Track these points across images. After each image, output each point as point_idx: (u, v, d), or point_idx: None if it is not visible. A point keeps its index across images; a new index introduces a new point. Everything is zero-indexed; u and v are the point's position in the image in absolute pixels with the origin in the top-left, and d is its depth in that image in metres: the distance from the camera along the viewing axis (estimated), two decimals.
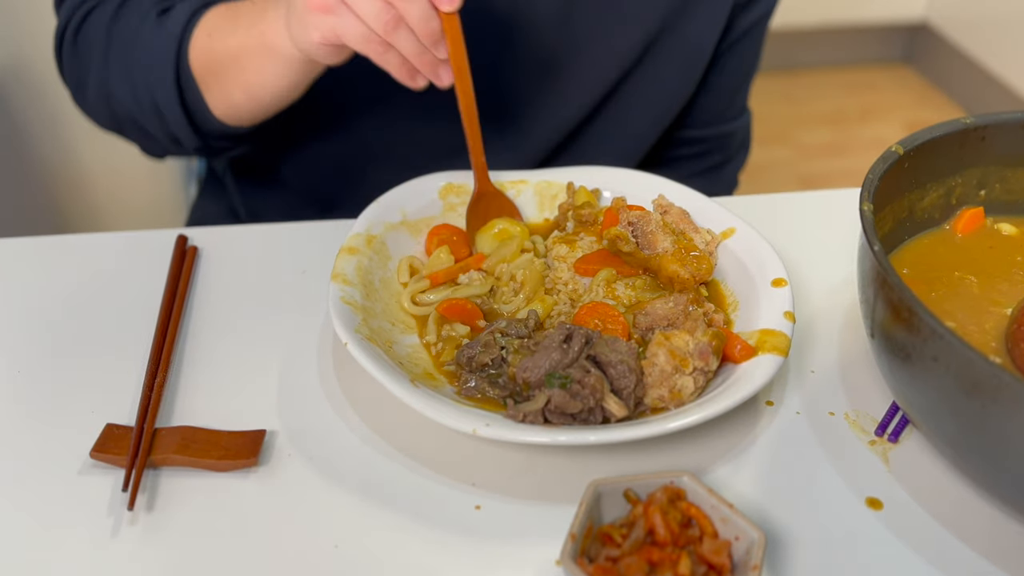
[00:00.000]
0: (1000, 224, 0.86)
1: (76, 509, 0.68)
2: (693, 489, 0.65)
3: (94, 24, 0.98)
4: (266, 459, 0.72)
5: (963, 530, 0.68)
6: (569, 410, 0.69)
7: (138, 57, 0.95)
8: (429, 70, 0.80)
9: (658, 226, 0.85)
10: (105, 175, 1.65)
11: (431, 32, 0.77)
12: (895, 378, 0.69)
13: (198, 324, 0.85)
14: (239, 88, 0.93)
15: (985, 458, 0.64)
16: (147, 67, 0.95)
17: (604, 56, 1.05)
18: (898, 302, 0.64)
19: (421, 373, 0.76)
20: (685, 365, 0.72)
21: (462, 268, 0.86)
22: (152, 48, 0.94)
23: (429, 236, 0.90)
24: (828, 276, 0.92)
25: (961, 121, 0.81)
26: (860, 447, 0.74)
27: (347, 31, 0.78)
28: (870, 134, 3.17)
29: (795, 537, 0.67)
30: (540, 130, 1.09)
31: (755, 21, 1.14)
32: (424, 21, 0.76)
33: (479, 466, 0.72)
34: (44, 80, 1.46)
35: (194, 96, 0.95)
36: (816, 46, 3.46)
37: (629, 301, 0.82)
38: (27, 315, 0.86)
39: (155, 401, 0.75)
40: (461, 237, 0.91)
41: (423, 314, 0.82)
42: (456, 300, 0.82)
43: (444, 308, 0.81)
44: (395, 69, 0.81)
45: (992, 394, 0.58)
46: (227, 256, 0.94)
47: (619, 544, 0.62)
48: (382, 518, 0.68)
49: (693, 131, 1.22)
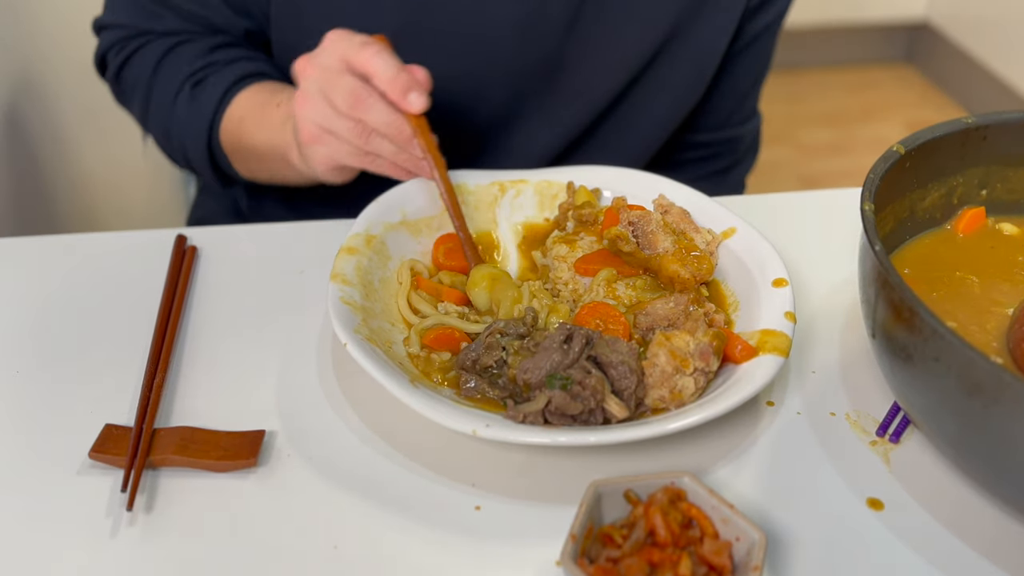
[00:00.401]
0: (1002, 224, 0.86)
1: (75, 509, 0.68)
2: (694, 490, 0.64)
3: (134, 72, 1.06)
4: (265, 459, 0.72)
5: (964, 531, 0.68)
6: (569, 411, 0.69)
7: (172, 126, 1.04)
8: (413, 165, 0.88)
9: (659, 226, 0.85)
10: (104, 174, 1.65)
11: (400, 134, 0.85)
12: (896, 378, 0.68)
13: (197, 324, 0.85)
14: (264, 173, 1.03)
15: (987, 459, 0.64)
16: (180, 139, 1.04)
17: (614, 59, 1.05)
18: (899, 302, 0.64)
19: (421, 373, 0.76)
20: (686, 366, 0.72)
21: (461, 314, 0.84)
22: (185, 124, 1.03)
23: (436, 244, 0.90)
24: (829, 276, 0.92)
25: (963, 121, 0.81)
26: (861, 448, 0.74)
27: (339, 153, 0.86)
28: (871, 134, 3.17)
29: (796, 538, 0.67)
30: (547, 133, 1.09)
31: (766, 26, 1.14)
32: (388, 126, 0.84)
33: (479, 467, 0.72)
34: (43, 80, 1.46)
35: (225, 162, 1.05)
36: (817, 46, 3.46)
37: (630, 301, 0.82)
38: (25, 315, 0.86)
39: (154, 401, 0.75)
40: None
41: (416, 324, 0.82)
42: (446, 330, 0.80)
43: (431, 340, 0.79)
44: (389, 171, 0.89)
45: (994, 394, 0.58)
46: (226, 256, 0.93)
47: (619, 545, 0.62)
48: (382, 519, 0.68)
49: (702, 135, 1.21)
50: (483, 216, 0.94)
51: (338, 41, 0.84)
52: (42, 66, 1.46)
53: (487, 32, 0.99)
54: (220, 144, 1.02)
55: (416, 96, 0.83)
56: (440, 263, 0.89)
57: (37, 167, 1.46)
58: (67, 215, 1.54)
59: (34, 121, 1.46)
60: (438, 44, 0.99)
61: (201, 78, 1.02)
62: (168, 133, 1.05)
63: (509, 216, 0.94)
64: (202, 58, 1.02)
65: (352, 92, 0.82)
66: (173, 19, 1.04)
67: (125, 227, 1.07)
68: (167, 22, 1.04)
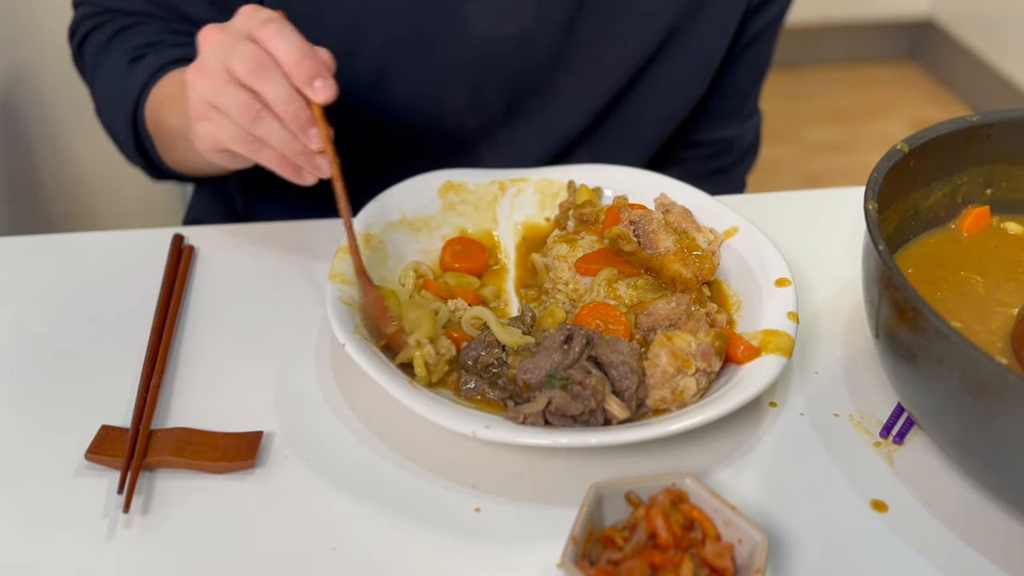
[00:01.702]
0: (1006, 223, 0.85)
1: (71, 511, 0.68)
2: (695, 491, 0.64)
3: (90, 45, 1.04)
4: (263, 461, 0.72)
5: (969, 532, 0.68)
6: (570, 412, 0.69)
7: (105, 101, 1.02)
8: (304, 160, 0.77)
9: (660, 225, 0.84)
10: (100, 173, 1.64)
11: (296, 118, 0.74)
12: (900, 379, 0.68)
13: (194, 324, 0.85)
14: (179, 159, 0.98)
15: (991, 459, 0.63)
16: (112, 112, 1.01)
17: (614, 60, 1.05)
18: (903, 302, 0.64)
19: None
20: (687, 366, 0.72)
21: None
22: (117, 97, 0.99)
23: (444, 247, 0.90)
24: (832, 276, 0.91)
25: (967, 119, 0.80)
26: (864, 449, 0.74)
27: (221, 134, 0.77)
28: (875, 132, 3.16)
29: (799, 540, 0.67)
30: (547, 133, 1.08)
31: (766, 24, 1.14)
32: (286, 104, 0.74)
33: (479, 468, 0.71)
34: (39, 79, 1.46)
35: (150, 144, 1.00)
36: (820, 43, 3.45)
37: (631, 301, 0.82)
38: (20, 315, 0.85)
39: (151, 402, 0.75)
40: (477, 248, 0.90)
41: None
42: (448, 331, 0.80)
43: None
44: (275, 165, 0.78)
45: (998, 395, 0.58)
46: (224, 255, 0.93)
47: (620, 547, 0.62)
48: (381, 521, 0.68)
49: (702, 134, 1.21)
50: (483, 215, 0.93)
51: (246, 12, 0.77)
52: (38, 65, 1.46)
53: (487, 33, 0.99)
54: (145, 123, 0.98)
55: (322, 83, 0.74)
56: (447, 265, 0.88)
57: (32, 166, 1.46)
58: (62, 214, 1.54)
59: (30, 120, 1.46)
60: (437, 47, 0.99)
61: (141, 54, 0.99)
62: (102, 107, 1.03)
63: (509, 215, 0.94)
64: (148, 37, 1.00)
65: (254, 58, 0.74)
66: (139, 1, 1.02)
67: (121, 226, 1.07)
68: (132, 3, 1.02)
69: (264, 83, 0.74)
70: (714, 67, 1.11)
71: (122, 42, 1.01)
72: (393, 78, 1.01)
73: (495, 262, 0.91)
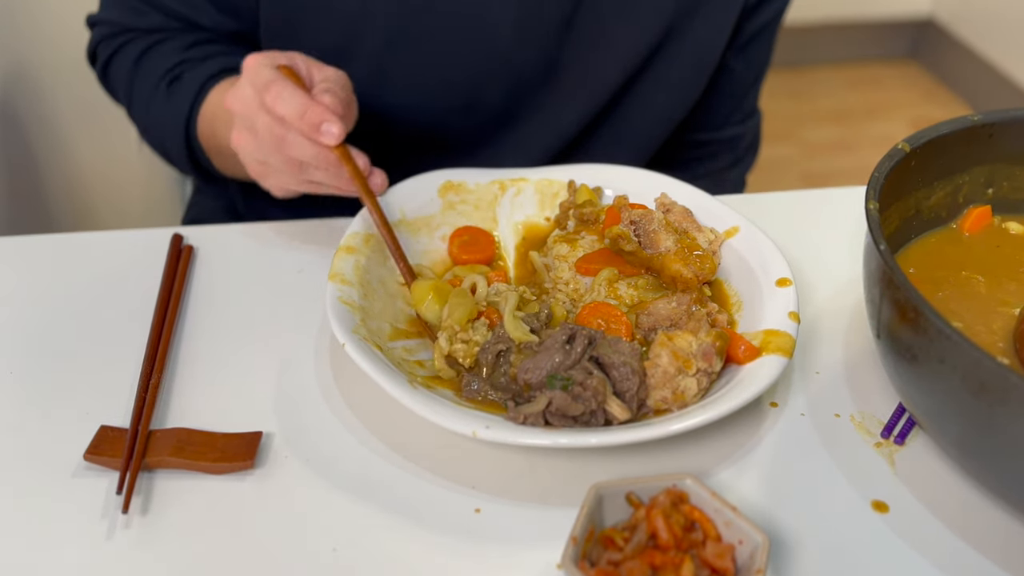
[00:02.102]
0: (1008, 223, 0.85)
1: (70, 512, 0.67)
2: (696, 492, 0.64)
3: (117, 69, 1.07)
4: (262, 461, 0.71)
5: (970, 533, 0.67)
6: (570, 412, 0.69)
7: (151, 125, 1.05)
8: (351, 188, 0.86)
9: (660, 225, 0.84)
10: (99, 172, 1.64)
11: (327, 163, 0.83)
12: (901, 379, 0.68)
13: (193, 324, 0.84)
14: (239, 171, 0.99)
15: (992, 460, 0.63)
16: (160, 137, 1.04)
17: (612, 59, 1.04)
18: (904, 302, 0.63)
19: (421, 376, 0.76)
20: (688, 366, 0.72)
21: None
22: (164, 123, 1.02)
23: (451, 239, 0.90)
24: (833, 276, 0.91)
25: (968, 118, 0.80)
26: (866, 449, 0.74)
27: (283, 183, 0.87)
28: (876, 131, 3.16)
29: (799, 540, 0.66)
30: (546, 132, 1.08)
31: (765, 24, 1.13)
32: (314, 159, 0.83)
33: (479, 469, 0.71)
34: (39, 79, 1.46)
35: (205, 159, 1.04)
36: (821, 42, 3.45)
37: (631, 301, 0.81)
38: (19, 315, 0.85)
39: (150, 403, 0.75)
40: (484, 237, 0.91)
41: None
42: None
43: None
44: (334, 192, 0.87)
45: (1000, 395, 0.58)
46: (223, 255, 0.93)
47: (621, 548, 0.62)
48: (381, 521, 0.67)
49: (701, 134, 1.21)
50: (483, 215, 0.93)
51: (248, 73, 0.84)
52: (38, 65, 1.46)
53: (484, 33, 0.99)
54: (199, 141, 1.02)
55: (328, 127, 0.81)
56: (456, 257, 0.88)
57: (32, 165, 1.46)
58: (62, 214, 1.54)
59: (29, 119, 1.46)
60: (434, 47, 0.99)
61: (177, 75, 1.02)
62: (148, 130, 1.06)
63: (509, 215, 0.94)
64: (178, 55, 1.03)
65: (271, 133, 0.82)
66: (157, 16, 1.04)
67: (120, 226, 1.07)
68: (151, 19, 1.04)
69: (289, 149, 0.82)
70: (713, 66, 1.11)
71: (151, 64, 1.03)
72: (392, 79, 1.01)
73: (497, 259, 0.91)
